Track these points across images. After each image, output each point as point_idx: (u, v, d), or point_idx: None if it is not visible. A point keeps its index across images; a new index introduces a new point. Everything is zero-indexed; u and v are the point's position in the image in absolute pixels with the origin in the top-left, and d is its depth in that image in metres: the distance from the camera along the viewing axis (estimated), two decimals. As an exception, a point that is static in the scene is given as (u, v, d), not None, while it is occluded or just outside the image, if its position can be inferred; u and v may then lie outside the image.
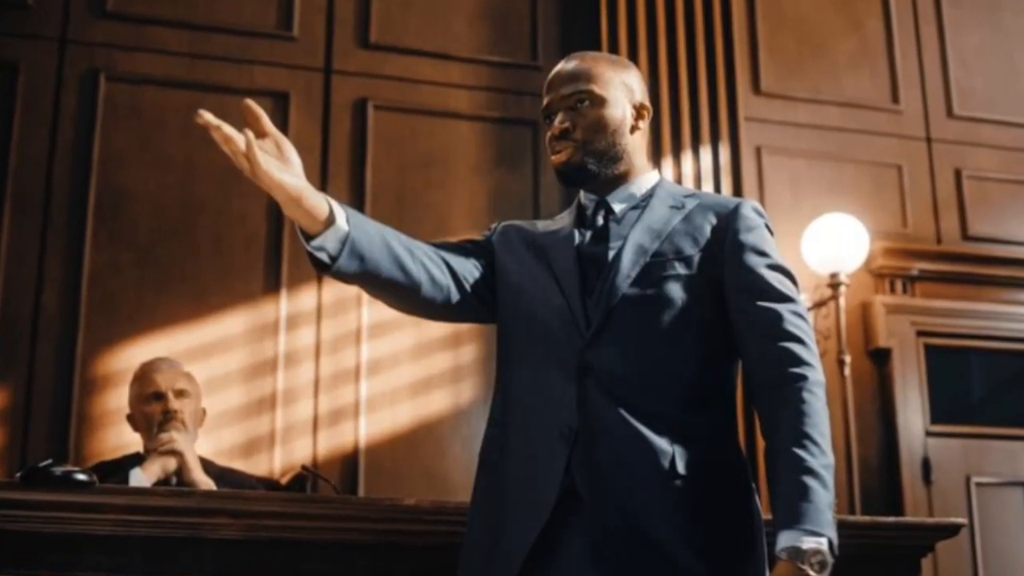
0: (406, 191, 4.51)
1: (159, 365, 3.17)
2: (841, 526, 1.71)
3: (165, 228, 4.23)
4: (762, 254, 1.85)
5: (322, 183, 4.33)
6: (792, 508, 1.67)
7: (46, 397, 3.98)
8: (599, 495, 1.74)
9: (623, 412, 1.76)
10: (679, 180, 4.45)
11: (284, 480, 3.72)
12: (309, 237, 1.73)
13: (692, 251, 1.85)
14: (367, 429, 4.22)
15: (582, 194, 1.99)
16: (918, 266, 4.97)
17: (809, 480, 1.67)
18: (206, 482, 2.94)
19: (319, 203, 1.72)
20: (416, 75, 4.64)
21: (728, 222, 1.87)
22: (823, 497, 1.67)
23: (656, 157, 4.46)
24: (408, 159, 4.55)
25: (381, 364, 4.30)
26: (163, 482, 2.91)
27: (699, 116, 4.62)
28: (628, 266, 1.84)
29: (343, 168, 4.45)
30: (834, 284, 4.60)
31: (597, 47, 4.52)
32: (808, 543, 1.64)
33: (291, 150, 1.72)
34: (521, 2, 4.83)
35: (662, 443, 1.75)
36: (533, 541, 1.74)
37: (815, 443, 1.70)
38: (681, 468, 1.74)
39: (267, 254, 4.29)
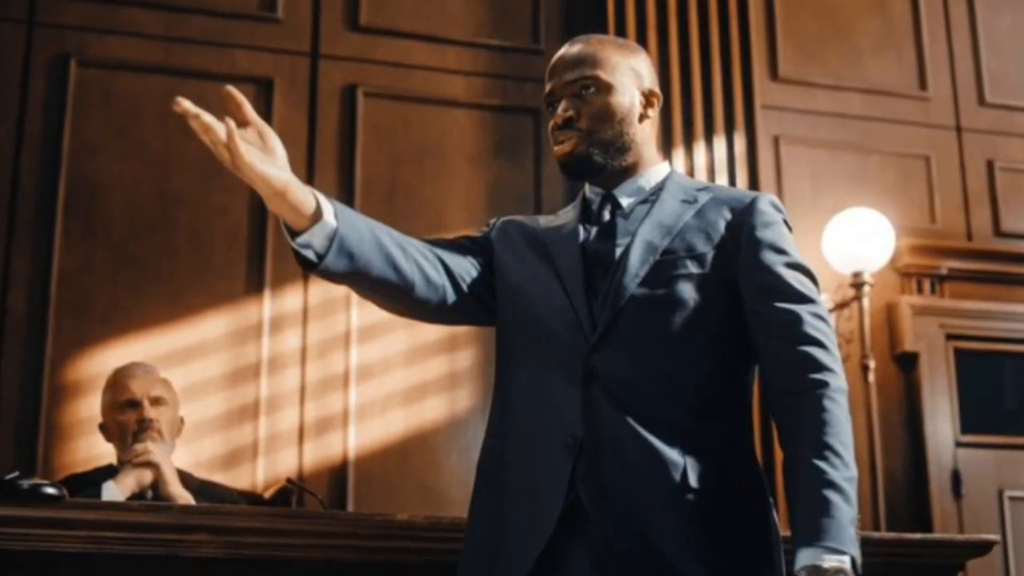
0: (398, 184, 4.51)
1: (134, 371, 3.17)
2: (865, 543, 1.71)
3: (140, 223, 4.23)
4: (780, 251, 1.85)
5: (308, 176, 4.33)
6: (812, 524, 1.67)
7: (12, 405, 3.98)
8: (605, 509, 1.74)
9: (631, 421, 1.76)
10: (691, 172, 4.45)
11: (268, 494, 3.72)
12: (295, 233, 1.73)
13: (705, 248, 1.85)
14: (357, 439, 4.22)
15: (587, 187, 2.00)
16: (947, 264, 4.97)
17: (830, 494, 1.68)
18: (184, 496, 2.94)
19: (305, 197, 1.72)
20: (409, 60, 4.64)
21: (744, 217, 1.87)
22: (845, 512, 1.67)
23: (667, 148, 4.46)
24: (401, 150, 4.55)
25: (372, 369, 4.30)
26: (138, 496, 2.91)
27: (712, 104, 4.62)
28: (636, 265, 1.84)
29: (331, 160, 4.45)
30: (857, 284, 4.60)
31: (603, 30, 4.52)
32: (829, 561, 1.64)
33: (275, 140, 1.71)
34: (522, -18, 4.84)
35: (673, 454, 1.75)
36: (535, 558, 1.75)
37: (837, 454, 1.71)
38: (693, 481, 1.74)
39: (250, 252, 4.29)
